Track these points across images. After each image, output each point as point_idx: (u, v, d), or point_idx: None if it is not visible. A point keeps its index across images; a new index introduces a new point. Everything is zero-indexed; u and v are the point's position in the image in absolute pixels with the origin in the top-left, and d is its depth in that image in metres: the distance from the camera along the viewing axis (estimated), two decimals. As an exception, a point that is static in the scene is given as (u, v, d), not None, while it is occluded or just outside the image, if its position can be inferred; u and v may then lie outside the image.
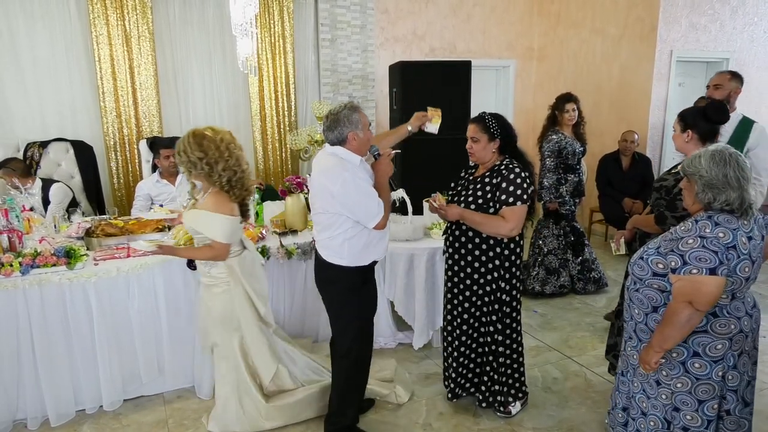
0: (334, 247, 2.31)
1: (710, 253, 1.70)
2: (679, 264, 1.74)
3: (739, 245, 1.71)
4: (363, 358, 2.50)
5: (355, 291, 2.38)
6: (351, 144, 2.26)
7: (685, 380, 1.85)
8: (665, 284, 1.81)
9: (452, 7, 6.13)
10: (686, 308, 1.73)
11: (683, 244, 1.75)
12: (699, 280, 1.71)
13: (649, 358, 1.85)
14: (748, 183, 1.75)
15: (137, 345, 2.82)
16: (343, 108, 2.26)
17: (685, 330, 1.76)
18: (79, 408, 2.79)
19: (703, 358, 1.82)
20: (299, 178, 3.39)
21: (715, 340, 1.81)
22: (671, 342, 1.80)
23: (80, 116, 4.84)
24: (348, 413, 2.53)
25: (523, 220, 2.43)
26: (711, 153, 1.78)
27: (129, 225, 3.25)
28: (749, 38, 5.79)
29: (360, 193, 2.22)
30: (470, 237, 2.51)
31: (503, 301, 2.53)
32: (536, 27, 6.64)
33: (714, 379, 1.83)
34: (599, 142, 5.49)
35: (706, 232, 1.72)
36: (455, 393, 2.74)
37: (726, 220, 1.75)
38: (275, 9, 5.30)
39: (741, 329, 1.82)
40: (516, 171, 2.41)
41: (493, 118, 2.48)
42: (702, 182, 1.77)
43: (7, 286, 2.52)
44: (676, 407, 1.90)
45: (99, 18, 4.67)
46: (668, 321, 1.78)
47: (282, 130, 5.55)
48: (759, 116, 6.28)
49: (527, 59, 6.72)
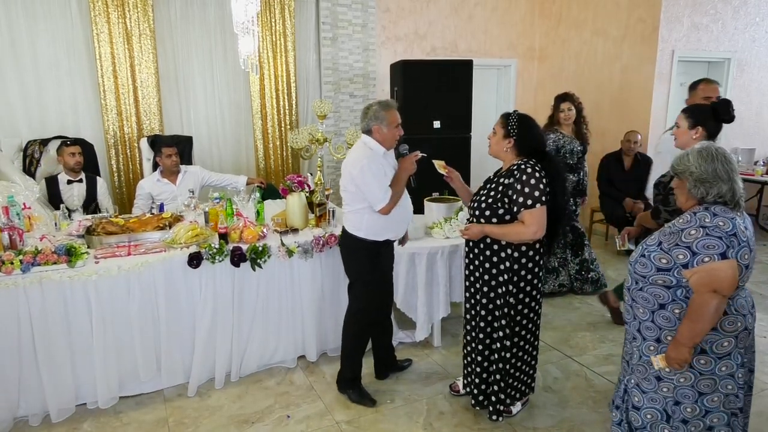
0: (354, 221, 2.69)
1: (716, 239, 1.73)
2: (689, 256, 1.76)
3: (738, 233, 1.74)
4: (371, 321, 2.87)
5: (370, 260, 2.73)
6: (375, 135, 2.63)
7: (689, 375, 1.88)
8: (671, 278, 1.82)
9: (454, 6, 6.12)
10: (713, 298, 1.74)
11: (686, 235, 1.77)
12: (714, 267, 1.73)
13: (679, 355, 1.82)
14: (737, 175, 1.81)
15: (136, 343, 2.82)
16: (376, 103, 2.65)
17: (714, 320, 1.76)
18: (79, 402, 2.80)
19: (708, 355, 1.85)
20: (300, 177, 3.39)
21: (722, 338, 1.83)
22: (701, 335, 1.78)
23: (81, 114, 4.84)
24: (348, 367, 2.90)
25: (544, 222, 2.37)
26: (698, 150, 1.83)
27: (129, 223, 3.24)
28: (751, 38, 5.78)
29: (372, 178, 2.56)
30: (482, 238, 2.50)
31: (512, 305, 2.50)
32: (537, 27, 6.63)
33: (717, 374, 1.85)
34: (600, 142, 5.48)
35: (706, 222, 1.77)
36: (478, 401, 2.69)
37: (722, 210, 1.79)
38: (276, 7, 5.30)
39: (746, 327, 1.85)
40: (528, 171, 2.36)
41: (516, 118, 2.45)
42: (693, 178, 1.82)
43: (8, 284, 2.52)
44: (677, 401, 1.91)
45: (100, 16, 4.67)
46: (696, 315, 1.76)
47: (283, 129, 5.55)
48: (760, 116, 6.30)
49: (528, 59, 6.71)
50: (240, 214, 3.39)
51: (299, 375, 3.20)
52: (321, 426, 2.71)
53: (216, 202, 3.52)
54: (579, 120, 4.19)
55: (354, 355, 2.90)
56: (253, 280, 3.04)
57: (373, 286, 2.80)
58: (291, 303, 3.17)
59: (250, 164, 5.57)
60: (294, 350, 3.27)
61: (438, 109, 4.80)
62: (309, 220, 3.42)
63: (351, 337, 2.87)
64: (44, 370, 2.64)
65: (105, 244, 2.99)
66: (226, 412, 2.84)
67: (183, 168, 4.23)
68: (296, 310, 3.19)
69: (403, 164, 2.66)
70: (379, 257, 2.78)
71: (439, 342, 3.53)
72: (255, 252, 2.95)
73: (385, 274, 2.88)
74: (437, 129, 4.78)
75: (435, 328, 3.50)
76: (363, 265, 2.76)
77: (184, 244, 2.93)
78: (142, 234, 3.10)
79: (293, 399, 2.95)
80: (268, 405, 2.90)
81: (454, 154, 3.16)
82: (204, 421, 2.76)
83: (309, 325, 3.22)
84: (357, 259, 2.77)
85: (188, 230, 3.01)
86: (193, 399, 2.95)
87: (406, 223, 2.83)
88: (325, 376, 3.17)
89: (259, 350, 3.17)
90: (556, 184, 2.42)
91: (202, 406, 2.89)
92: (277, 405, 2.90)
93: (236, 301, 3.02)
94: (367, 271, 2.76)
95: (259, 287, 3.06)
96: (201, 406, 2.88)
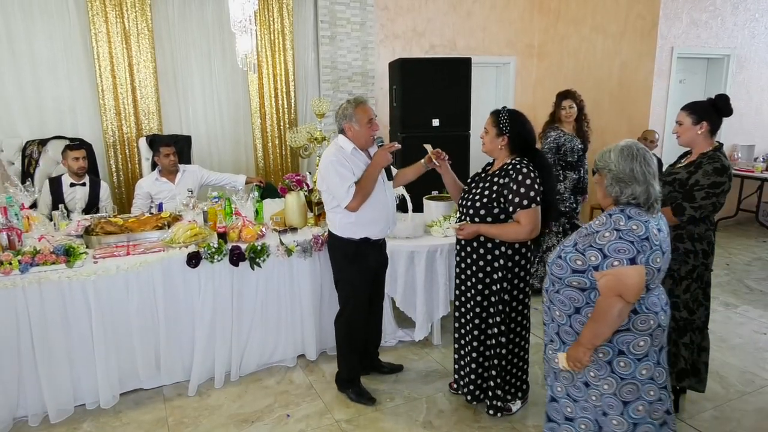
0: (331, 219, 2.73)
1: (627, 243, 1.72)
2: (600, 258, 1.75)
3: (651, 237, 1.74)
4: (354, 320, 2.81)
5: (348, 259, 2.72)
6: (348, 134, 2.62)
7: (611, 381, 1.84)
8: (585, 280, 1.80)
9: (452, 3, 6.11)
10: (617, 302, 1.74)
11: (600, 237, 1.77)
12: (622, 272, 1.72)
13: (580, 356, 1.83)
14: (654, 178, 1.79)
15: (135, 343, 2.82)
16: (346, 101, 2.64)
17: (616, 324, 1.77)
18: (78, 403, 2.79)
19: (627, 356, 1.82)
20: (299, 176, 3.38)
21: (637, 337, 1.81)
22: (602, 338, 1.80)
23: (79, 114, 4.82)
24: (344, 368, 2.91)
25: (539, 221, 2.39)
26: (620, 148, 1.82)
27: (128, 223, 3.24)
28: (750, 34, 5.77)
29: (335, 176, 2.56)
30: (478, 238, 2.50)
31: (506, 302, 2.52)
32: (536, 24, 6.62)
33: (638, 378, 1.83)
34: (600, 139, 5.45)
35: (620, 225, 1.75)
36: (474, 395, 2.72)
37: (637, 213, 1.78)
38: (275, 6, 5.28)
39: (659, 324, 1.83)
40: (524, 172, 2.37)
41: (507, 114, 2.45)
42: (611, 176, 1.81)
43: (7, 285, 2.52)
44: (604, 411, 1.88)
45: (98, 15, 4.65)
46: (599, 317, 1.77)
47: (282, 128, 5.54)
48: (760, 113, 6.29)
49: (527, 56, 6.70)
50: (239, 213, 3.38)
51: (299, 374, 3.20)
52: (321, 425, 2.71)
53: (215, 201, 3.51)
54: (580, 117, 4.18)
55: (346, 355, 2.89)
56: (252, 280, 3.04)
57: (350, 285, 2.76)
58: (290, 302, 3.16)
59: (249, 163, 5.56)
60: (293, 349, 3.27)
61: (437, 107, 4.79)
62: (308, 218, 3.42)
63: (340, 336, 2.87)
64: (43, 370, 2.63)
65: (104, 244, 2.98)
66: (226, 411, 2.84)
67: (182, 167, 4.22)
68: (295, 309, 3.19)
69: (375, 157, 2.60)
70: (359, 257, 2.71)
71: (439, 340, 3.53)
72: (254, 251, 2.95)
73: (364, 274, 2.76)
74: (436, 127, 4.77)
75: (434, 327, 3.49)
76: (340, 263, 2.76)
77: (183, 244, 2.93)
78: (141, 234, 3.10)
79: (293, 398, 2.95)
80: (267, 404, 2.90)
81: (453, 151, 3.13)
82: (204, 420, 2.76)
83: (308, 324, 3.21)
84: (335, 257, 2.79)
85: (187, 230, 3.00)
86: (192, 398, 2.95)
87: (387, 222, 2.74)
88: (324, 375, 3.17)
89: (259, 349, 3.17)
90: (545, 180, 2.43)
91: (202, 405, 2.89)
92: (277, 404, 2.90)
93: (235, 300, 3.02)
94: (343, 269, 2.75)
95: (258, 286, 3.06)
96: (200, 406, 2.88)
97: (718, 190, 2.40)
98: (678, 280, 2.53)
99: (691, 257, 2.50)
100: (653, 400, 1.85)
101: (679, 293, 2.54)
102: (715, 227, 2.55)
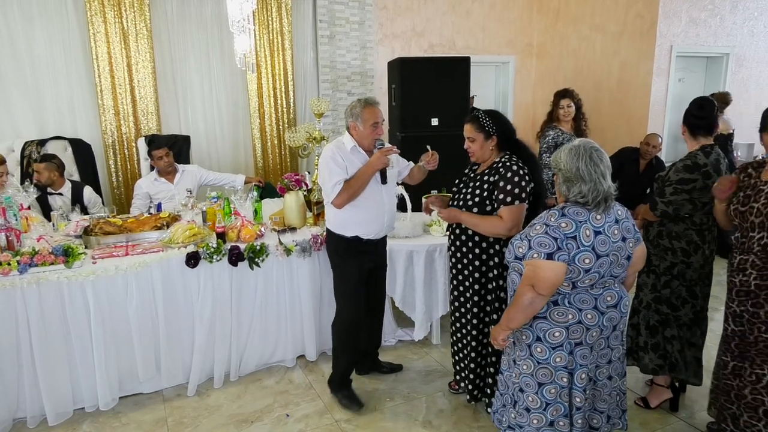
0: (327, 212, 2.75)
1: (550, 239, 1.78)
2: (526, 248, 1.83)
3: (580, 237, 1.78)
4: (349, 320, 2.77)
5: (339, 254, 2.73)
6: (352, 132, 2.64)
7: (530, 363, 1.94)
8: (522, 267, 1.88)
9: (451, 3, 6.10)
10: (529, 291, 1.82)
11: (532, 230, 1.84)
12: (537, 264, 1.80)
13: (496, 335, 1.97)
14: (602, 177, 1.81)
15: (135, 343, 2.82)
16: (357, 100, 2.64)
17: (528, 312, 1.85)
18: (77, 407, 2.79)
19: (543, 343, 1.90)
20: (298, 176, 3.38)
21: (552, 327, 1.88)
22: (515, 322, 1.90)
23: (78, 114, 4.82)
24: (336, 370, 2.89)
25: (522, 219, 2.37)
26: (569, 147, 1.86)
27: (127, 223, 3.24)
28: (749, 33, 5.77)
29: (325, 171, 2.59)
30: (470, 236, 2.50)
31: (503, 300, 2.51)
32: (536, 23, 6.61)
33: (552, 365, 1.90)
34: (599, 138, 5.38)
35: (550, 221, 1.82)
36: (473, 395, 2.71)
37: (575, 212, 1.82)
38: (273, 5, 5.28)
39: (580, 320, 1.86)
40: (513, 169, 2.37)
41: (487, 116, 2.45)
42: (561, 175, 1.87)
43: (5, 285, 2.51)
44: (521, 388, 1.98)
45: (96, 15, 4.65)
46: (514, 302, 1.88)
47: (281, 128, 5.53)
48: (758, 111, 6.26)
49: (527, 55, 6.69)
50: (238, 213, 3.38)
51: (298, 374, 3.19)
52: (320, 425, 2.71)
53: (214, 201, 3.50)
54: (578, 116, 4.18)
55: (338, 355, 2.87)
56: (252, 280, 3.03)
57: (341, 281, 2.76)
58: (289, 302, 3.16)
59: (248, 163, 5.55)
60: (293, 349, 3.26)
61: (436, 106, 4.78)
62: (307, 218, 3.42)
63: (334, 336, 2.86)
64: (41, 371, 2.63)
65: (102, 244, 2.98)
66: (226, 411, 2.84)
67: (180, 167, 4.22)
68: (295, 308, 3.19)
69: (371, 158, 2.58)
70: (350, 253, 2.69)
71: (439, 340, 3.53)
72: (253, 251, 2.94)
73: (356, 272, 2.71)
74: (435, 126, 4.77)
75: (434, 326, 3.49)
76: (333, 259, 2.79)
77: (182, 244, 2.92)
78: (140, 234, 3.09)
79: (292, 398, 2.95)
80: (267, 404, 2.90)
81: (452, 151, 3.14)
82: (203, 420, 2.76)
83: (308, 324, 3.21)
84: (329, 251, 2.83)
85: (186, 230, 3.00)
86: (192, 398, 2.95)
87: (381, 223, 2.70)
88: (324, 375, 3.16)
89: (258, 349, 3.17)
90: (532, 171, 2.42)
91: (202, 405, 2.88)
92: (277, 404, 2.90)
93: (235, 300, 3.01)
94: (337, 265, 2.77)
95: (257, 286, 3.06)
96: (200, 406, 2.88)
97: (687, 186, 2.44)
98: (658, 275, 2.62)
99: (669, 254, 2.58)
100: (564, 387, 1.91)
101: (660, 288, 2.63)
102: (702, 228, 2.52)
